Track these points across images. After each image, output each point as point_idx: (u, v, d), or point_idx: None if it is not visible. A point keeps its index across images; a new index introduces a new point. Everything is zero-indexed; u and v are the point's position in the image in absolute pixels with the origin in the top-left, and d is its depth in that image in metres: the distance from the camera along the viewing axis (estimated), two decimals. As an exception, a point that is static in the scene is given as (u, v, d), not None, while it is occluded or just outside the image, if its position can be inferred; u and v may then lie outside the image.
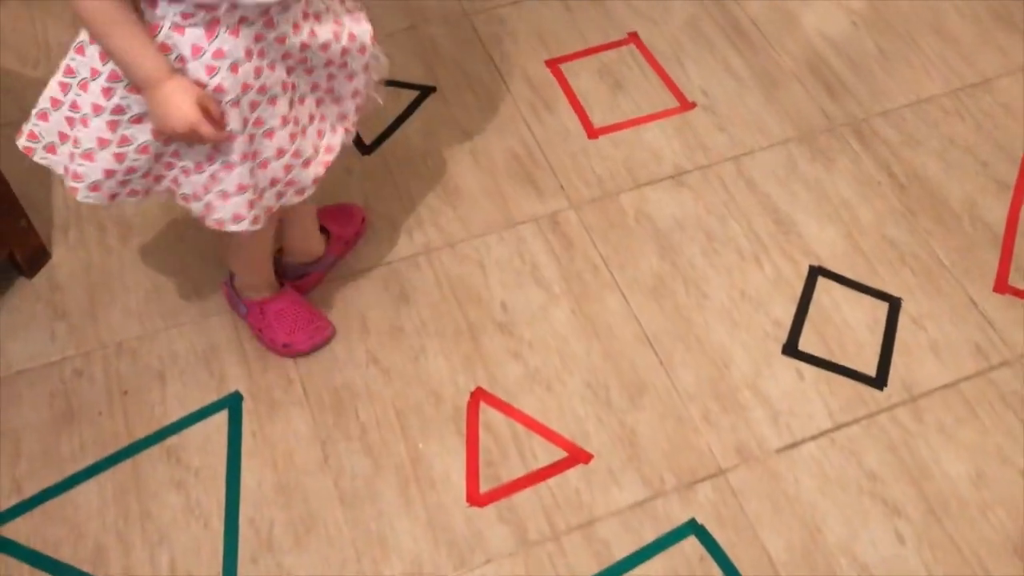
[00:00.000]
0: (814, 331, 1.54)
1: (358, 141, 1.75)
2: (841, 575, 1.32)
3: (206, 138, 1.09)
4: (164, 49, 1.06)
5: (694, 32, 1.94)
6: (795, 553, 1.33)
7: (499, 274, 1.59)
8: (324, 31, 1.16)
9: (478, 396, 1.46)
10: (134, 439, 1.42)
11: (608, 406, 1.46)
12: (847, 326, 1.55)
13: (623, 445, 1.42)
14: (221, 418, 1.44)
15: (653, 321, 1.55)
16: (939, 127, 1.80)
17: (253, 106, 1.13)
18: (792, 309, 1.56)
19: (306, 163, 1.22)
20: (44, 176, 1.69)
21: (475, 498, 1.37)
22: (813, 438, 1.43)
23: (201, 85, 1.08)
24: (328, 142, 1.25)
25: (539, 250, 1.62)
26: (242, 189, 1.16)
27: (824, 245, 1.64)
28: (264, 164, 1.18)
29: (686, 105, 1.82)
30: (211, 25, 1.06)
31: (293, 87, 1.16)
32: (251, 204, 1.18)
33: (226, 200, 1.17)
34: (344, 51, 1.19)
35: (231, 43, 1.07)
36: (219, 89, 1.09)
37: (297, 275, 1.53)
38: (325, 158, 1.25)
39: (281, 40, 1.11)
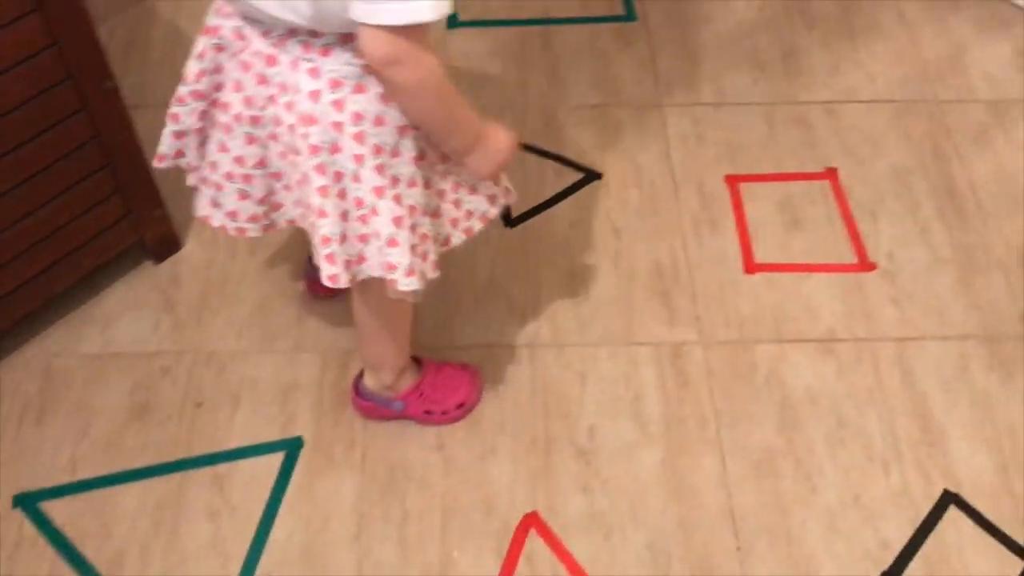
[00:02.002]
0: (925, 567, 1.33)
1: (506, 212, 1.68)
2: None
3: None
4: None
5: (900, 184, 1.74)
6: None
7: (598, 393, 1.48)
8: None
9: (531, 521, 1.36)
10: (191, 454, 1.42)
11: (663, 578, 1.32)
12: (966, 574, 1.33)
13: (664, 628, 1.28)
14: (276, 460, 1.41)
15: (746, 499, 1.39)
16: None
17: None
18: (908, 534, 1.36)
19: (491, 199, 1.21)
20: (204, 166, 1.73)
21: (488, 633, 1.27)
22: None
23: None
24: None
25: (649, 380, 1.50)
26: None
27: (970, 471, 1.41)
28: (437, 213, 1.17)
29: (865, 264, 1.63)
30: None
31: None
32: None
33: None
34: None
35: None
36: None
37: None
38: (508, 192, 1.23)
39: None
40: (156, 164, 1.19)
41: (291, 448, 1.42)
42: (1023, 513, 1.38)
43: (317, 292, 1.54)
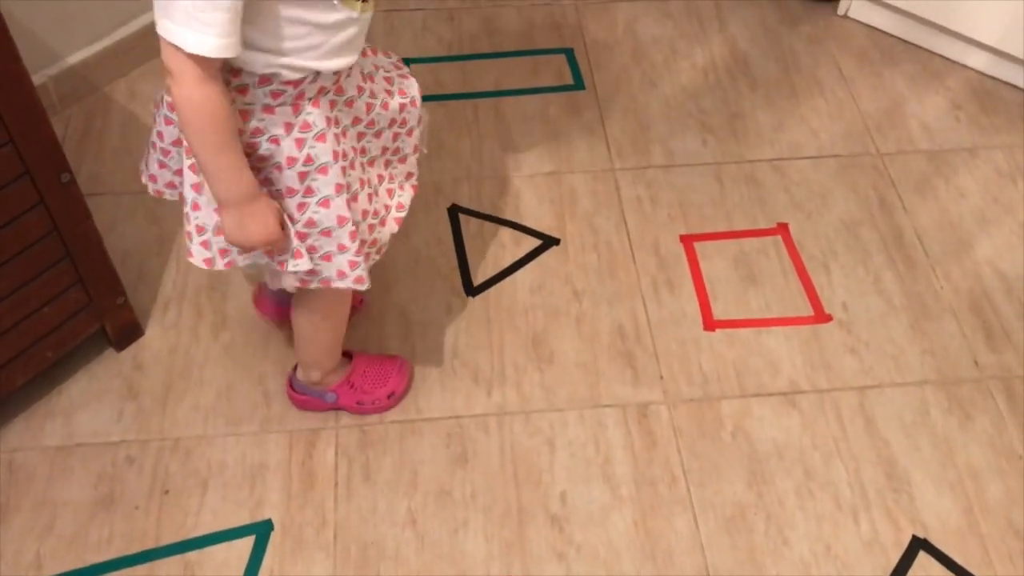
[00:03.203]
0: (901, 616, 1.34)
1: (466, 279, 1.70)
2: None
3: (277, 246, 1.15)
4: (257, 132, 1.09)
5: (850, 236, 1.79)
6: None
7: (567, 459, 1.49)
8: (380, 90, 1.21)
9: (507, 592, 1.35)
10: (159, 543, 1.39)
11: (642, 643, 1.31)
12: (941, 621, 1.34)
13: None
14: (246, 544, 1.40)
15: (720, 558, 1.39)
16: (1109, 407, 1.56)
17: (343, 171, 1.14)
18: (881, 583, 1.37)
19: (383, 222, 1.26)
20: (163, 249, 1.74)
21: None
22: None
23: (293, 159, 1.11)
24: (399, 200, 1.29)
25: (617, 442, 1.51)
26: (344, 249, 1.20)
27: (936, 516, 1.44)
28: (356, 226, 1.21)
29: (821, 316, 1.67)
30: (296, 100, 1.08)
31: (363, 151, 1.21)
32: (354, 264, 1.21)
33: (331, 260, 1.20)
34: (402, 107, 1.24)
35: (315, 114, 1.10)
36: (308, 160, 1.11)
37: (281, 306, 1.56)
38: (397, 215, 1.29)
39: (349, 104, 1.16)
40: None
41: (261, 532, 1.41)
42: (991, 554, 1.40)
43: (264, 312, 1.61)
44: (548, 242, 1.77)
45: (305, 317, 1.40)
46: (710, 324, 1.66)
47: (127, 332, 1.59)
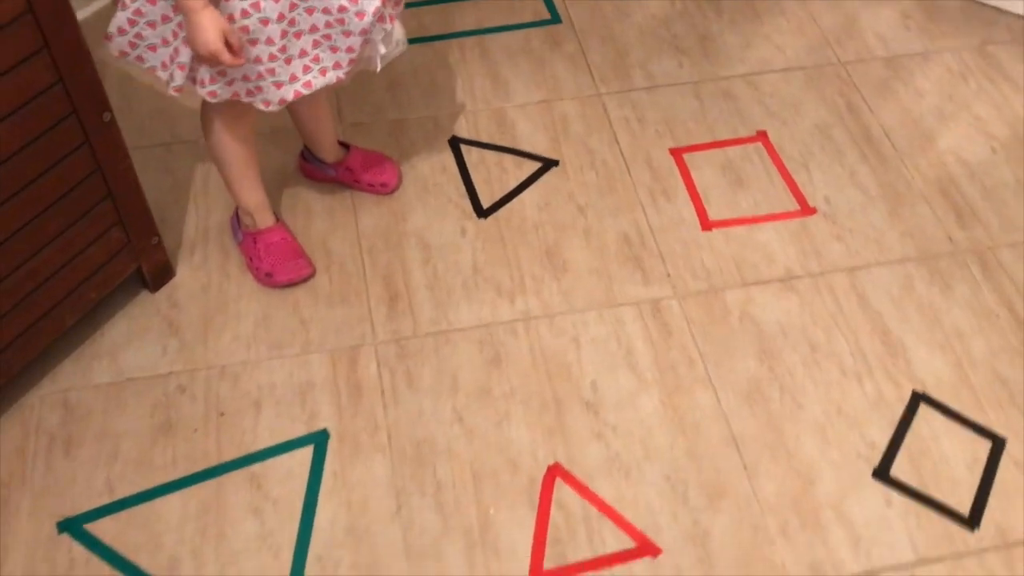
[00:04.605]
0: (909, 459, 1.49)
1: (476, 203, 1.80)
2: None
3: (224, 64, 1.30)
4: None
5: (824, 138, 1.93)
6: None
7: (593, 353, 1.60)
8: None
9: (555, 471, 1.47)
10: (222, 460, 1.47)
11: (684, 503, 1.44)
12: (944, 459, 1.49)
13: (694, 545, 1.40)
14: (306, 453, 1.48)
15: (743, 425, 1.52)
16: (1070, 267, 1.73)
17: (245, 29, 1.32)
18: (889, 433, 1.52)
19: (278, 84, 1.39)
20: (183, 193, 1.80)
21: (538, 573, 1.37)
22: (893, 569, 1.38)
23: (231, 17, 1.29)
24: (310, 78, 1.41)
25: (636, 335, 1.63)
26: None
27: (931, 372, 1.59)
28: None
29: (806, 210, 1.81)
30: None
31: (292, 22, 1.34)
32: (214, 79, 1.37)
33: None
34: (341, 8, 1.35)
35: None
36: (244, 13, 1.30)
37: (313, 161, 1.80)
38: (299, 89, 1.41)
39: None
40: None
41: (319, 441, 1.50)
42: (982, 401, 1.56)
43: (308, 175, 1.84)
44: (548, 164, 1.88)
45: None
46: (707, 225, 1.79)
47: (161, 272, 1.65)
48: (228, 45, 1.29)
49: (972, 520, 1.43)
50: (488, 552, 1.39)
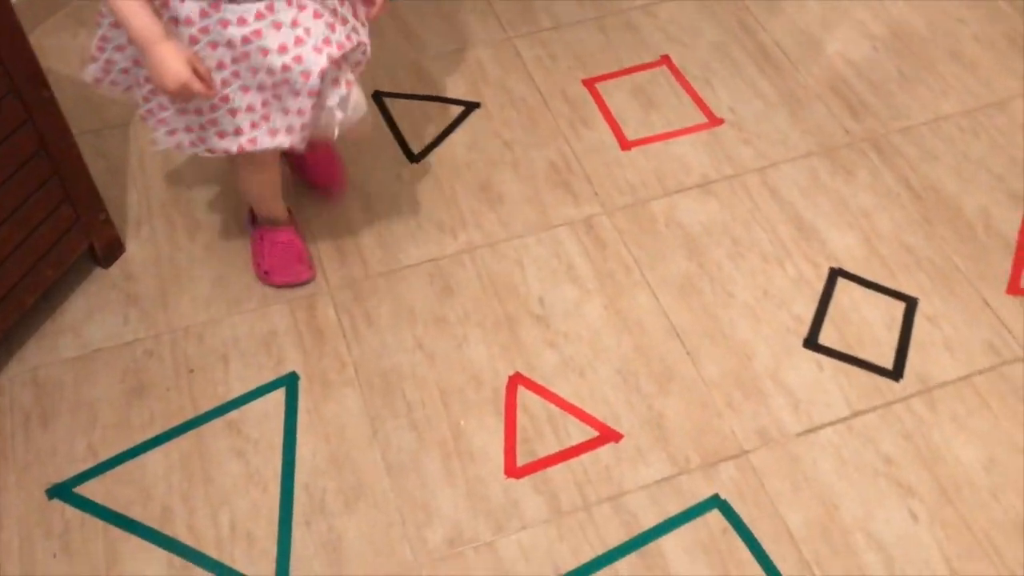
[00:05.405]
0: (834, 327, 1.63)
1: (406, 150, 1.88)
2: (857, 549, 1.40)
3: (197, 94, 1.26)
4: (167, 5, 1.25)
5: (723, 56, 2.06)
6: (813, 528, 1.42)
7: (536, 272, 1.71)
8: (272, 39, 1.28)
9: (516, 380, 1.57)
10: (198, 412, 1.54)
11: (637, 391, 1.56)
12: (865, 323, 1.64)
13: (651, 427, 1.52)
14: (279, 396, 1.56)
15: (681, 317, 1.65)
16: (955, 143, 1.90)
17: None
18: (813, 307, 1.66)
19: (220, 134, 1.36)
20: (120, 175, 1.84)
21: (512, 471, 1.47)
22: (831, 424, 1.52)
23: (190, 20, 1.25)
24: (256, 135, 1.36)
25: (574, 251, 1.74)
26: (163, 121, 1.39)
27: (844, 250, 1.74)
28: (183, 112, 1.36)
29: (714, 121, 1.94)
30: None
31: (236, 75, 1.30)
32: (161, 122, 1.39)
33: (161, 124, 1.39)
34: (285, 67, 1.29)
35: (188, 8, 1.25)
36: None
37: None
38: (243, 144, 1.36)
39: (223, 24, 1.26)
40: None
41: (289, 383, 1.57)
42: (893, 268, 1.71)
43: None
44: (470, 107, 1.97)
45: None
46: (626, 145, 1.90)
47: (112, 248, 1.70)
48: (196, 73, 1.25)
49: (896, 372, 1.58)
50: (464, 459, 1.48)
